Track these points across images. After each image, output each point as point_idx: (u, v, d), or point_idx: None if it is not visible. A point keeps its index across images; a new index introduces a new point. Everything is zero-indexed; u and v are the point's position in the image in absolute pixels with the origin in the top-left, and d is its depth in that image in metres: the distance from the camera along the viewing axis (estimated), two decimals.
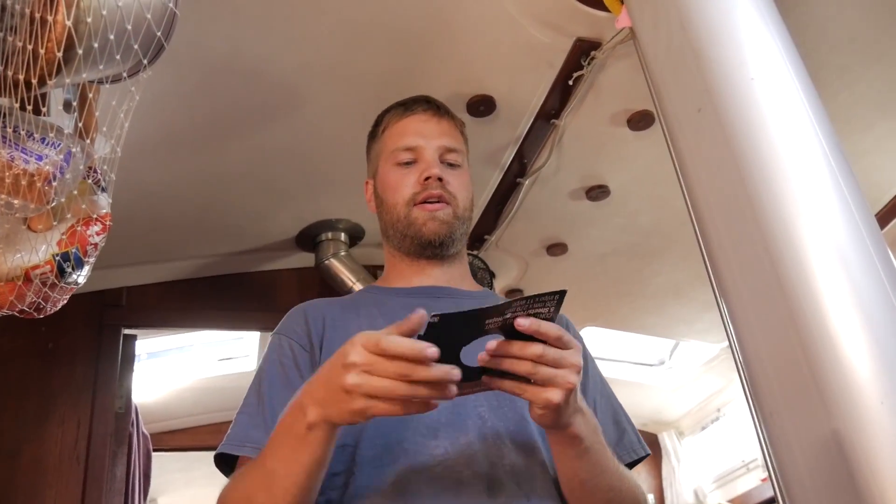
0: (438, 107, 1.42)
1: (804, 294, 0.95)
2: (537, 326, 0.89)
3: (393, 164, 1.36)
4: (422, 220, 1.30)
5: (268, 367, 1.21)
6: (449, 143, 1.37)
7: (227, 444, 1.14)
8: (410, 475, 1.07)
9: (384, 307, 1.28)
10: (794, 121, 1.07)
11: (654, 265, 2.92)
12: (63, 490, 2.34)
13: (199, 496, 6.11)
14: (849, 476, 0.85)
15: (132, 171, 2.02)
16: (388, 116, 1.43)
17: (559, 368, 0.91)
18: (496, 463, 1.10)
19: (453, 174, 1.35)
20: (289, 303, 2.71)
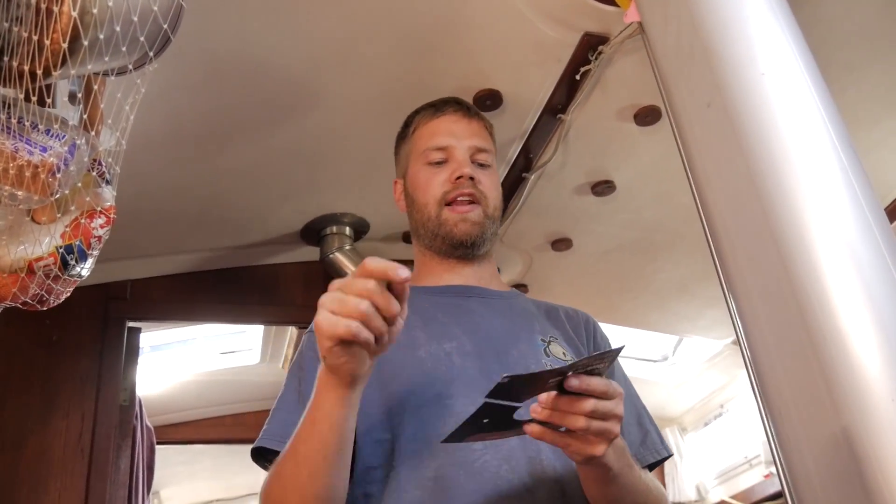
0: (468, 108, 1.44)
1: (814, 290, 0.94)
2: (587, 385, 0.90)
3: (424, 163, 1.38)
4: (453, 222, 1.33)
5: (306, 364, 1.22)
6: (479, 144, 1.39)
7: (266, 439, 1.16)
8: (450, 470, 1.09)
9: (416, 306, 1.27)
10: (804, 117, 1.07)
11: (659, 261, 2.92)
12: (67, 482, 2.35)
13: (201, 489, 6.14)
14: (858, 473, 0.85)
15: (137, 164, 2.02)
16: (419, 117, 1.45)
17: (607, 420, 0.93)
18: (533, 459, 1.12)
19: (484, 174, 1.37)
20: (293, 297, 2.77)
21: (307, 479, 1.00)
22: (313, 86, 1.93)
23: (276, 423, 1.17)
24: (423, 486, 1.09)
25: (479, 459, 1.10)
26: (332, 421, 0.98)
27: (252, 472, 4.99)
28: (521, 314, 1.35)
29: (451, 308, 1.30)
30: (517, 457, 1.11)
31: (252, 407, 4.27)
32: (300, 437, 1.01)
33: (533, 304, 1.41)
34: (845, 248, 0.96)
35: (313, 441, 0.99)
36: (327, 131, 2.11)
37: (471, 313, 1.29)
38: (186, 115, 1.95)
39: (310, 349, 1.24)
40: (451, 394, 1.16)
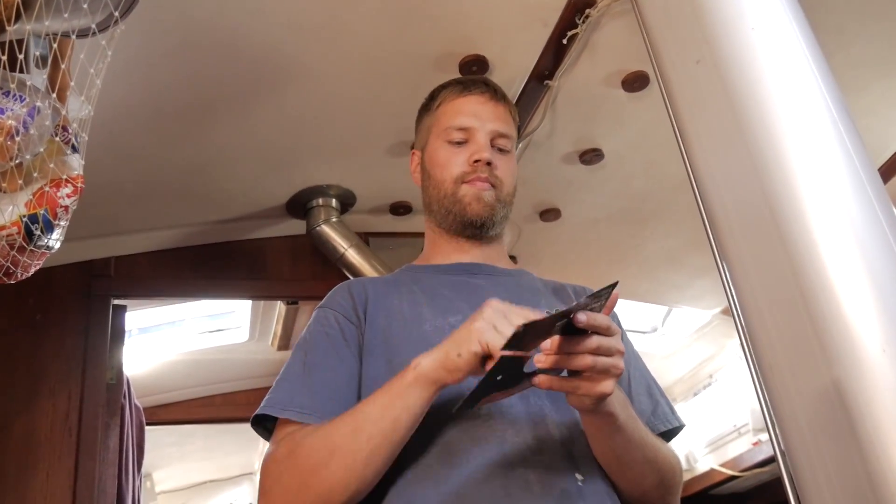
0: (496, 90, 1.44)
1: (804, 243, 0.93)
2: (592, 320, 0.94)
3: (444, 140, 1.39)
4: (468, 199, 1.34)
5: (313, 338, 1.24)
6: (501, 129, 1.40)
7: (269, 406, 1.16)
8: (455, 436, 1.11)
9: (423, 284, 1.33)
10: (794, 71, 1.05)
11: (648, 231, 2.91)
12: (56, 462, 2.33)
13: (193, 470, 6.13)
14: (849, 425, 0.84)
15: (116, 135, 2.00)
16: (445, 92, 1.45)
17: (612, 357, 0.96)
18: (539, 423, 1.13)
19: (502, 159, 1.39)
20: (280, 271, 2.74)
21: (363, 459, 1.03)
22: (295, 53, 1.89)
23: (282, 392, 1.17)
24: (428, 453, 1.10)
25: (484, 424, 1.11)
26: (411, 411, 1.04)
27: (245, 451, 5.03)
28: (528, 290, 1.36)
29: (458, 284, 1.32)
30: (521, 420, 1.12)
31: (242, 386, 4.26)
32: (368, 416, 1.05)
33: (541, 283, 1.42)
34: (835, 200, 0.95)
35: (384, 423, 1.03)
36: (310, 100, 2.08)
37: (477, 289, 1.30)
38: (166, 85, 1.91)
39: (318, 324, 1.26)
40: None
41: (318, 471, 1.04)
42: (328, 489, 1.03)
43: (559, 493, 1.06)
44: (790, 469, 0.94)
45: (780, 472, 0.95)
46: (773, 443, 0.97)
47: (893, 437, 0.82)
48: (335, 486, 1.03)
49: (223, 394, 4.26)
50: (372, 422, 1.03)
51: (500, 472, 1.07)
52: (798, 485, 0.92)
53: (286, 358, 1.24)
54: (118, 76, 1.19)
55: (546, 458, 1.10)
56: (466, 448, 1.09)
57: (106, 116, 1.27)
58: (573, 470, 1.10)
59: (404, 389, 1.03)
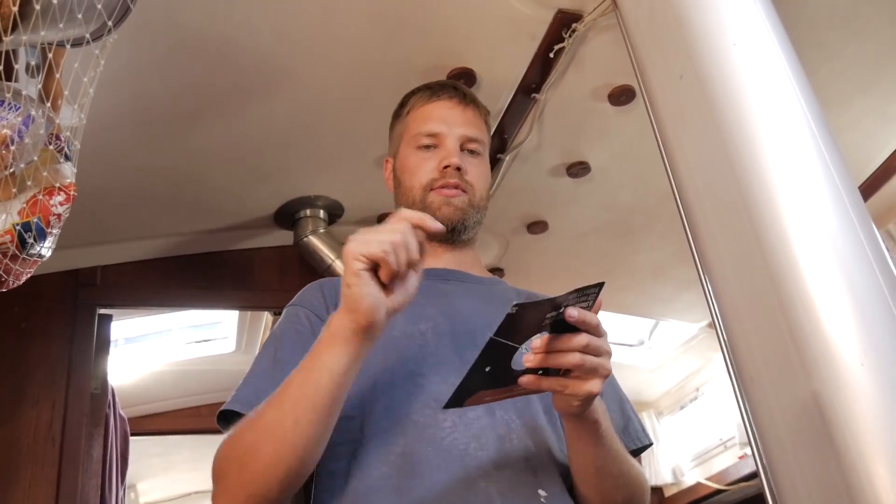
0: (465, 94, 1.43)
1: (785, 257, 0.94)
2: (584, 317, 0.93)
3: (414, 147, 1.38)
4: (437, 205, 1.33)
5: (283, 335, 1.22)
6: (471, 133, 1.39)
7: (237, 402, 1.13)
8: (418, 446, 1.09)
9: None
10: (775, 86, 1.07)
11: (634, 244, 2.92)
12: (38, 471, 2.31)
13: (178, 481, 6.09)
14: (828, 438, 0.85)
15: (105, 144, 2.00)
16: (414, 98, 1.45)
17: (600, 356, 0.95)
18: (503, 437, 1.11)
19: (472, 163, 1.38)
20: (267, 281, 2.74)
21: (290, 427, 0.98)
22: (284, 63, 1.90)
23: (248, 388, 1.14)
24: (390, 462, 1.08)
25: (449, 437, 1.09)
26: (332, 371, 0.97)
27: None
28: (499, 299, 1.34)
29: (429, 290, 1.27)
30: (487, 435, 1.10)
31: (228, 396, 4.23)
32: (290, 383, 1.00)
33: (514, 292, 1.41)
34: (815, 214, 0.96)
35: (306, 388, 0.98)
36: (298, 111, 2.08)
37: (448, 295, 1.29)
38: (154, 93, 1.92)
39: (289, 321, 1.24)
40: (424, 373, 1.16)
41: (251, 452, 1.00)
42: (264, 468, 0.99)
43: None
44: (771, 482, 0.94)
45: (762, 485, 0.96)
46: (755, 455, 0.97)
47: (871, 449, 0.83)
48: (270, 464, 0.99)
49: (209, 405, 4.23)
50: (294, 388, 0.99)
51: (462, 486, 1.05)
52: (778, 497, 0.93)
53: None
54: (107, 85, 1.20)
55: (509, 473, 1.08)
56: (429, 460, 1.07)
57: (94, 125, 1.27)
58: (536, 486, 1.09)
59: (322, 350, 0.98)
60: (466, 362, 0.91)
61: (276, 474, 0.99)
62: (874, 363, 0.85)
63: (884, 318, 0.88)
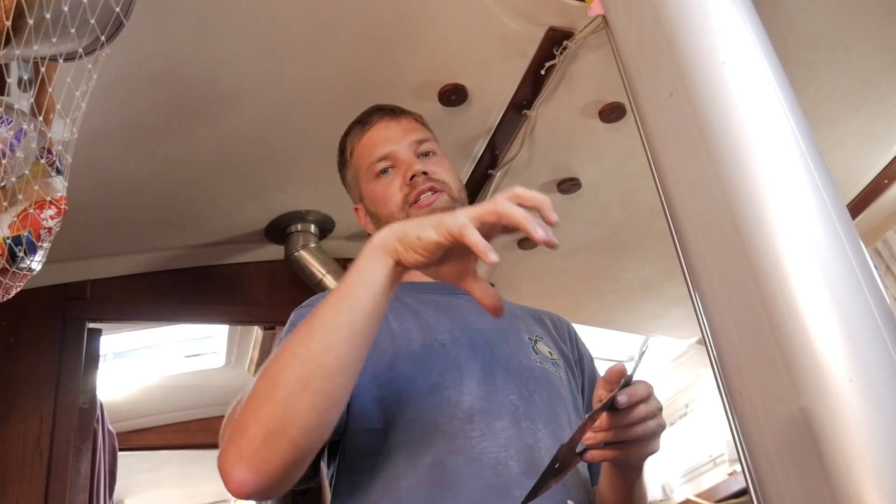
0: (392, 109, 1.42)
1: (774, 274, 0.95)
2: (635, 397, 0.96)
3: (372, 178, 1.36)
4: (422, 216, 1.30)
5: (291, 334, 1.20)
6: (417, 136, 1.38)
7: None
8: (448, 456, 1.08)
9: (405, 300, 1.29)
10: (764, 104, 1.08)
11: (624, 260, 2.93)
12: (25, 486, 2.29)
13: (166, 497, 6.05)
14: (817, 453, 0.85)
15: (94, 159, 2.00)
16: (350, 139, 1.44)
17: (657, 418, 0.99)
18: (532, 446, 1.12)
19: (433, 162, 1.36)
20: (258, 296, 2.74)
21: (318, 349, 0.89)
22: (275, 80, 1.91)
23: None
24: (419, 474, 1.07)
25: (478, 446, 1.09)
26: (370, 288, 0.91)
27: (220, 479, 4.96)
28: (506, 314, 1.34)
29: (441, 304, 1.30)
30: (515, 444, 1.11)
31: (218, 412, 4.21)
32: (324, 304, 0.93)
33: (517, 307, 1.42)
34: (803, 234, 0.96)
35: (342, 305, 0.91)
36: (289, 127, 2.09)
37: (460, 309, 1.29)
38: (145, 108, 1.92)
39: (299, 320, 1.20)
40: (448, 384, 1.16)
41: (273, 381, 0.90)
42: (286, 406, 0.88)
43: None
44: (760, 498, 0.95)
45: (751, 499, 0.96)
46: (745, 471, 0.98)
47: (860, 465, 0.83)
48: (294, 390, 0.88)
49: (199, 419, 4.22)
50: (328, 307, 0.92)
51: (496, 494, 1.05)
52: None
53: None
54: (97, 101, 1.19)
55: None
56: (460, 469, 1.07)
57: (83, 139, 1.27)
58: (566, 496, 1.10)
59: (361, 263, 0.92)
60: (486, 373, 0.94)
61: (300, 406, 0.89)
62: (862, 379, 0.86)
63: (872, 335, 0.89)
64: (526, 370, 1.22)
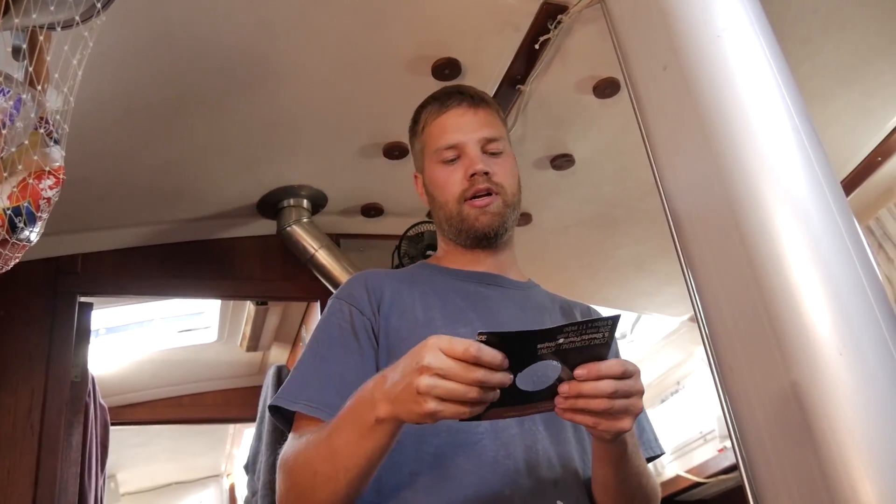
0: (473, 96, 1.42)
1: (766, 250, 0.95)
2: (597, 372, 0.94)
3: (437, 162, 1.39)
4: (474, 216, 1.34)
5: (326, 330, 1.26)
6: (489, 134, 1.38)
7: (282, 398, 1.19)
8: (450, 450, 1.14)
9: (437, 286, 1.34)
10: (759, 78, 1.07)
11: (617, 237, 2.93)
12: (17, 459, 2.30)
13: (159, 471, 6.07)
14: (807, 427, 0.86)
15: (85, 131, 1.97)
16: (426, 114, 1.44)
17: (629, 398, 0.96)
18: (530, 447, 1.17)
19: (498, 163, 1.38)
20: (250, 271, 2.73)
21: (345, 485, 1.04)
22: (267, 53, 1.89)
23: (294, 384, 1.20)
24: (423, 462, 1.13)
25: (479, 443, 1.14)
26: (384, 447, 1.01)
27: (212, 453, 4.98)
28: (535, 307, 1.38)
29: (470, 294, 1.33)
30: (515, 444, 1.15)
31: (210, 387, 4.23)
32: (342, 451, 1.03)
33: (548, 298, 1.45)
34: (796, 207, 0.97)
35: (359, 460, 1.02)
36: (282, 101, 2.07)
37: (487, 300, 1.32)
38: (137, 82, 1.90)
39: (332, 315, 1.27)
40: None
41: (310, 493, 1.07)
42: None
43: None
44: (749, 470, 0.95)
45: (740, 472, 0.97)
46: (734, 444, 0.98)
47: (849, 439, 0.84)
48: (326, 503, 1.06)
49: (191, 394, 4.23)
50: (346, 456, 1.03)
51: (489, 493, 1.10)
52: (756, 486, 0.94)
53: (255, 359, 1.27)
54: (89, 72, 1.18)
55: (532, 482, 1.13)
56: (460, 464, 1.12)
57: (75, 112, 1.26)
58: (555, 497, 1.14)
59: (370, 430, 1.00)
60: None
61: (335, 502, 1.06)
62: (853, 353, 0.86)
63: (863, 310, 0.89)
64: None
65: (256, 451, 2.95)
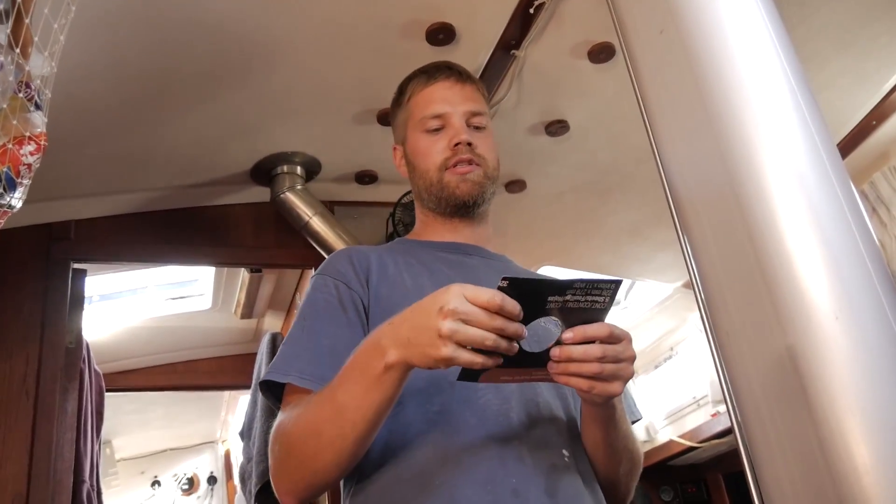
0: (461, 72, 1.46)
1: (762, 213, 0.95)
2: (582, 334, 0.97)
3: (422, 131, 1.42)
4: (455, 183, 1.37)
5: (312, 304, 1.27)
6: (474, 108, 1.42)
7: (272, 372, 1.19)
8: (455, 405, 1.16)
9: (420, 257, 1.36)
10: (756, 42, 1.06)
11: (611, 203, 2.93)
12: (13, 425, 2.30)
13: (154, 438, 6.11)
14: (802, 391, 0.86)
15: (77, 96, 1.96)
16: (412, 84, 1.47)
17: (619, 363, 0.99)
18: (531, 400, 1.19)
19: (480, 137, 1.41)
20: (243, 238, 2.72)
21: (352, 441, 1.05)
22: (260, 21, 1.86)
23: (283, 358, 1.20)
24: (429, 420, 1.15)
25: (482, 398, 1.16)
26: (391, 397, 1.03)
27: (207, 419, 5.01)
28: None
29: (455, 263, 1.36)
30: (516, 398, 1.18)
31: (205, 354, 4.24)
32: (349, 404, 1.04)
33: (523, 272, 1.48)
34: (792, 170, 0.96)
35: (367, 412, 1.03)
36: (275, 66, 2.05)
37: (474, 269, 1.35)
38: (129, 48, 1.87)
39: (317, 290, 1.28)
40: None
41: (312, 457, 1.08)
42: (324, 468, 1.08)
43: (549, 467, 1.13)
44: (744, 433, 0.96)
45: (735, 437, 0.98)
46: (729, 409, 0.99)
47: (844, 402, 0.84)
48: (330, 466, 1.07)
49: (185, 361, 4.24)
50: (353, 410, 1.04)
51: (497, 443, 1.12)
52: (751, 450, 0.94)
53: (249, 326, 1.27)
54: (79, 37, 1.17)
55: (538, 433, 1.16)
56: (466, 419, 1.14)
57: (66, 77, 1.24)
58: (561, 447, 1.17)
59: (378, 379, 1.02)
60: None
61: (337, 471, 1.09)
62: (848, 317, 0.86)
63: (859, 273, 0.89)
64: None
65: (252, 418, 2.97)
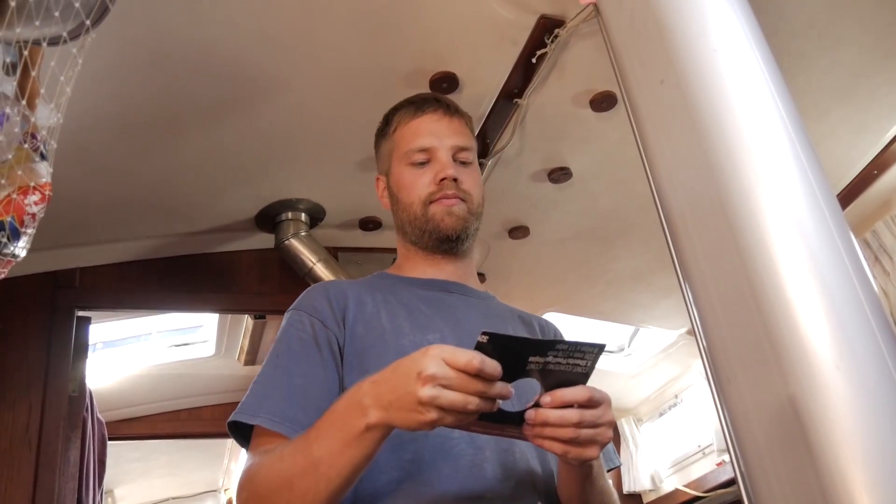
0: (448, 105, 1.45)
1: (763, 263, 0.95)
2: (560, 399, 0.96)
3: (407, 164, 1.40)
4: (439, 216, 1.35)
5: (285, 341, 1.23)
6: (461, 143, 1.40)
7: (242, 413, 1.15)
8: (428, 454, 1.13)
9: (399, 295, 1.33)
10: (755, 93, 1.08)
11: (615, 250, 2.93)
12: (15, 475, 2.28)
13: (157, 487, 6.04)
14: (804, 440, 0.86)
15: (84, 146, 1.98)
16: (399, 115, 1.45)
17: (597, 428, 0.98)
18: (507, 450, 1.17)
19: (466, 172, 1.39)
20: (248, 285, 2.73)
21: (325, 497, 1.00)
22: (266, 66, 1.90)
23: (253, 397, 1.16)
24: (401, 468, 1.12)
25: (456, 447, 1.13)
26: (370, 455, 0.99)
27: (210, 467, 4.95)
28: (497, 315, 1.39)
29: (434, 301, 1.33)
30: (491, 447, 1.15)
31: (208, 401, 4.21)
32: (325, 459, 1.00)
33: (507, 310, 1.45)
34: (792, 220, 0.97)
35: (343, 470, 0.99)
36: (281, 113, 2.08)
37: (453, 308, 1.33)
38: (135, 96, 1.90)
39: (292, 327, 1.25)
40: None
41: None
42: None
43: None
44: (748, 483, 0.95)
45: (739, 486, 0.97)
46: (732, 458, 0.98)
47: (847, 452, 0.84)
48: None
49: (189, 409, 4.20)
50: (328, 465, 0.99)
51: (470, 497, 1.10)
52: (755, 500, 0.93)
53: (253, 373, 1.24)
54: (87, 86, 1.19)
55: (511, 486, 1.13)
56: (439, 469, 1.11)
57: (74, 126, 1.26)
58: (536, 499, 1.15)
59: (358, 437, 0.98)
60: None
61: None
62: (850, 366, 0.86)
63: (859, 322, 0.89)
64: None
65: None
